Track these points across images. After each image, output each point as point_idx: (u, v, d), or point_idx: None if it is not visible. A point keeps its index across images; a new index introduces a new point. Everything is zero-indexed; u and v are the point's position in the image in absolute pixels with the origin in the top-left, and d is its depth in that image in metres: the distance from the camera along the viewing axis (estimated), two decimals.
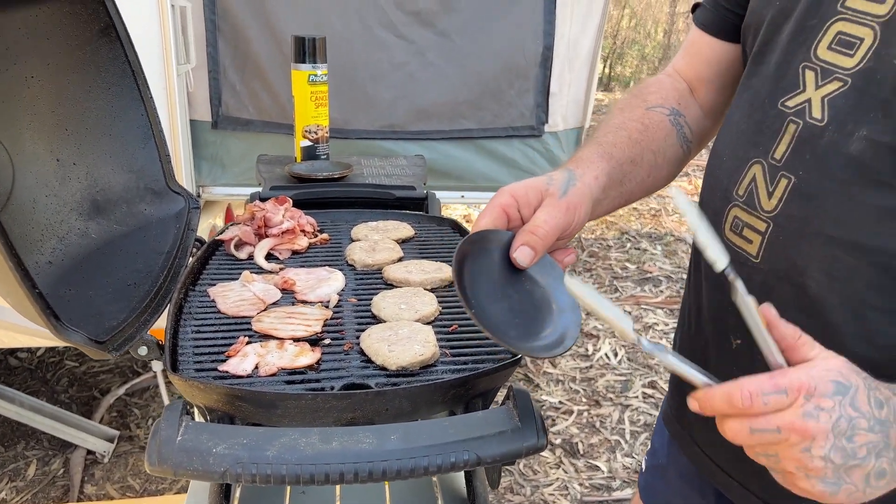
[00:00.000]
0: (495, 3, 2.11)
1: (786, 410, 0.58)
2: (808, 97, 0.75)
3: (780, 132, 0.77)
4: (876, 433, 0.59)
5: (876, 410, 0.59)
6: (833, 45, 0.74)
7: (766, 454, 0.61)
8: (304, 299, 1.02)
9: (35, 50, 1.07)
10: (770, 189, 0.78)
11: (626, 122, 0.93)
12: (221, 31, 2.00)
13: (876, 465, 0.59)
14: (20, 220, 1.01)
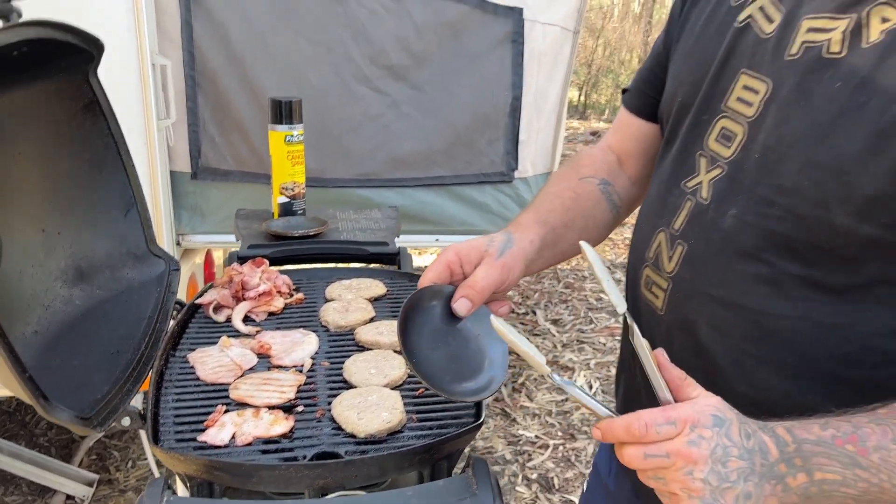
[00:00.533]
0: (465, 57, 2.20)
1: (674, 439, 0.68)
2: (700, 180, 0.89)
3: (680, 207, 0.91)
4: (745, 460, 0.68)
5: (745, 441, 0.69)
6: (718, 138, 0.87)
7: (656, 477, 0.70)
8: (280, 364, 1.07)
9: (22, 128, 1.13)
10: (670, 254, 0.91)
11: (561, 191, 1.06)
12: (201, 86, 2.07)
13: (743, 488, 0.68)
14: (7, 291, 1.06)
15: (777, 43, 0.82)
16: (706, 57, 0.90)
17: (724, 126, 0.86)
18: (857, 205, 0.73)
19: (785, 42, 0.81)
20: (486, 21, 2.19)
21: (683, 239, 0.89)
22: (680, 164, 0.92)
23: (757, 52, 0.84)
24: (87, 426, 0.84)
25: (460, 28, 2.18)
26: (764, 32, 0.84)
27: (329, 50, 2.11)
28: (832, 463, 0.68)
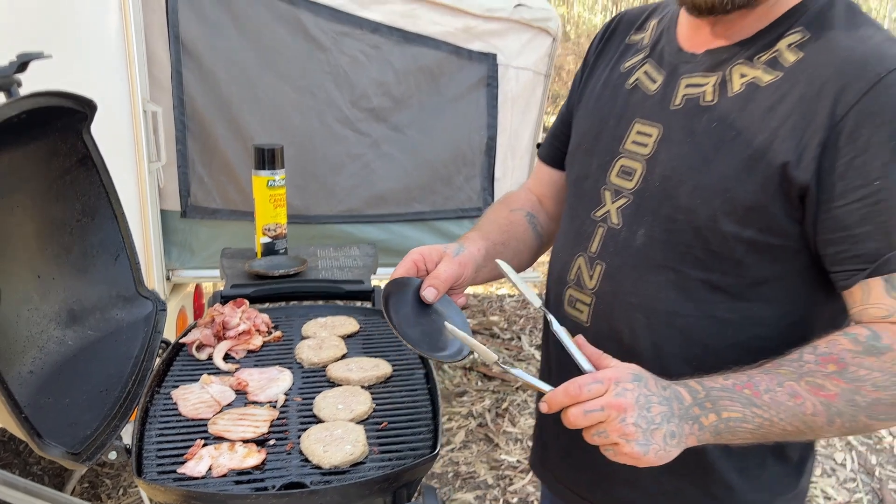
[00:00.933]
0: (443, 100, 2.32)
1: (604, 395, 0.82)
2: (608, 209, 1.07)
3: (594, 234, 1.08)
4: (665, 405, 0.83)
5: (662, 391, 0.85)
6: (619, 174, 1.06)
7: (598, 433, 0.83)
8: (255, 400, 1.17)
9: (20, 183, 1.23)
10: (590, 273, 1.08)
11: (497, 218, 1.25)
12: (190, 130, 2.18)
13: (668, 428, 0.83)
14: (5, 334, 1.15)
15: (662, 97, 1.03)
16: (604, 112, 1.10)
17: (623, 164, 1.05)
18: (738, 215, 0.92)
19: (669, 96, 1.02)
20: (462, 66, 2.31)
21: (601, 259, 1.06)
22: (587, 199, 1.10)
23: (646, 105, 1.05)
24: (76, 461, 0.93)
25: (438, 73, 2.30)
26: (650, 90, 1.05)
27: (313, 95, 2.22)
28: (735, 404, 0.85)
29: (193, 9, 2.11)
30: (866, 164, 0.85)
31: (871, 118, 0.84)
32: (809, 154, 0.87)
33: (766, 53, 0.95)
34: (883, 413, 0.85)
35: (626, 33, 1.16)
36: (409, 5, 2.22)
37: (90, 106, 1.29)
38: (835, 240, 0.89)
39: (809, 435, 0.88)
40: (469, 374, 3.67)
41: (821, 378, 0.85)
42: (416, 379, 1.25)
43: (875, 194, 0.84)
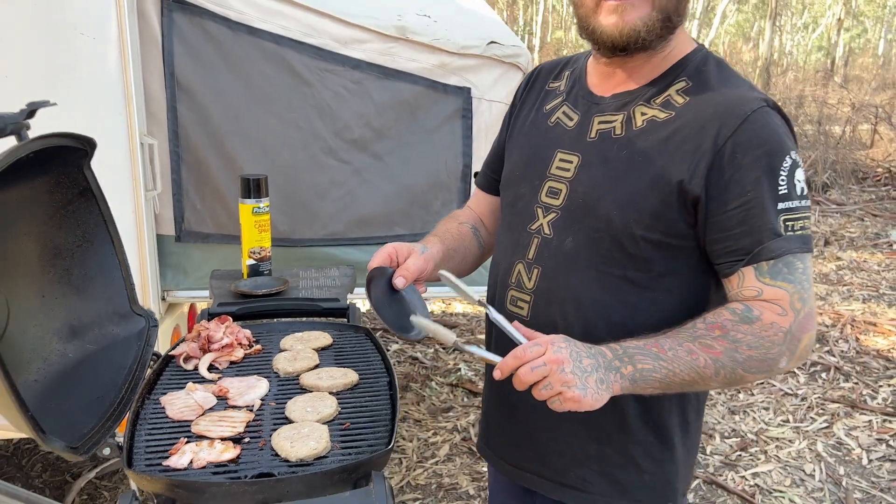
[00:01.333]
0: (421, 131, 2.48)
1: (543, 354, 1.02)
2: (541, 223, 1.26)
3: (530, 244, 1.27)
4: (592, 358, 1.05)
5: (588, 349, 1.06)
6: (547, 194, 1.26)
7: (544, 386, 1.01)
8: (234, 404, 1.31)
9: (27, 213, 1.39)
10: (529, 276, 1.27)
11: (450, 228, 1.45)
12: (184, 160, 2.34)
13: (597, 375, 1.03)
14: (14, 347, 1.30)
15: (579, 132, 1.25)
16: (532, 145, 1.32)
17: (551, 185, 1.26)
18: (645, 222, 1.14)
19: (585, 131, 1.24)
20: (439, 99, 2.47)
21: (538, 263, 1.26)
22: (523, 216, 1.30)
23: (565, 138, 1.26)
24: (75, 454, 1.08)
25: (416, 105, 2.47)
26: (568, 126, 1.27)
27: (298, 127, 2.39)
28: (646, 358, 1.07)
29: (188, 49, 2.28)
30: (741, 181, 1.09)
31: (742, 146, 1.09)
32: (699, 173, 1.10)
33: (660, 97, 1.18)
34: (754, 367, 1.09)
35: (546, 81, 1.38)
36: (388, 44, 2.39)
37: (90, 144, 1.45)
38: (719, 238, 1.12)
39: (701, 384, 1.10)
40: (455, 391, 3.80)
41: (709, 340, 1.08)
42: (380, 386, 1.39)
43: (747, 203, 1.08)
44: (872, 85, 13.73)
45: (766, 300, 1.08)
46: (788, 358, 1.09)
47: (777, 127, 1.11)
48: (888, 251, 6.37)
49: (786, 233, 1.08)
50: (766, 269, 1.08)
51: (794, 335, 1.08)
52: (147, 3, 2.22)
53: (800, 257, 1.09)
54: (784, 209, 1.08)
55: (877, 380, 3.92)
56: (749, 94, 1.13)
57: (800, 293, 1.08)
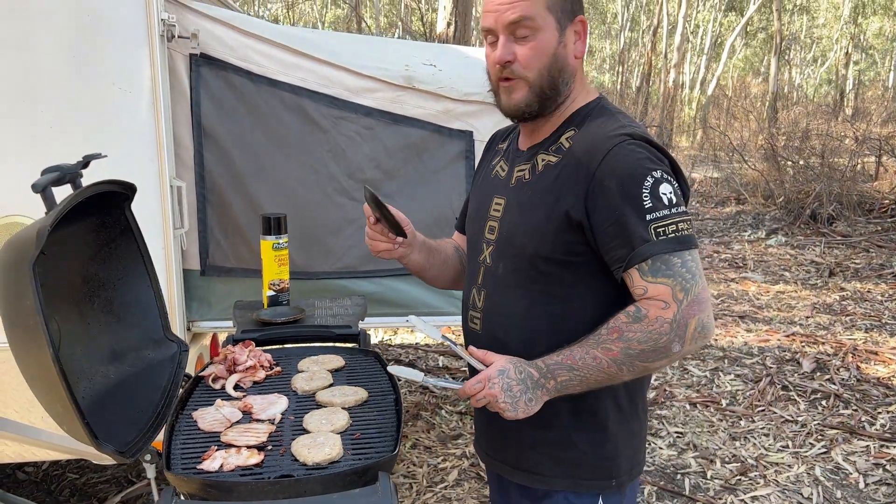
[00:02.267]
0: (426, 171, 2.68)
1: (484, 388, 1.30)
2: (485, 255, 1.52)
3: (479, 272, 1.53)
4: (521, 384, 1.31)
5: (519, 375, 1.32)
6: (487, 231, 1.51)
7: (489, 407, 1.31)
8: (258, 418, 1.48)
9: (76, 250, 1.58)
10: (479, 298, 1.53)
11: (437, 241, 1.76)
12: (209, 200, 2.55)
13: (525, 397, 1.31)
14: (65, 368, 1.47)
15: (506, 180, 1.51)
16: (481, 193, 1.58)
17: (490, 224, 1.51)
18: (548, 247, 1.38)
19: (509, 179, 1.51)
20: (443, 142, 2.67)
21: (483, 287, 1.52)
22: (476, 250, 1.56)
23: (498, 186, 1.53)
24: (123, 457, 1.25)
25: (422, 148, 2.66)
26: (501, 177, 1.54)
27: (314, 170, 2.59)
28: (563, 371, 1.32)
29: (213, 100, 2.50)
30: (610, 204, 1.31)
31: (607, 175, 1.32)
32: (580, 201, 1.34)
33: (554, 145, 1.44)
34: (648, 357, 1.30)
35: (495, 144, 1.67)
36: (397, 92, 2.60)
37: (132, 189, 1.65)
38: (605, 251, 1.34)
39: (614, 379, 1.34)
40: (464, 419, 3.93)
41: (609, 343, 1.30)
42: (387, 402, 1.56)
43: (618, 220, 1.30)
44: (882, 116, 13.88)
45: (650, 297, 1.29)
46: (680, 342, 1.28)
47: (635, 155, 1.32)
48: (892, 282, 6.46)
49: (657, 238, 1.28)
50: (646, 269, 1.28)
51: (679, 322, 1.27)
52: (177, 59, 2.45)
53: (677, 255, 1.28)
54: (652, 219, 1.28)
55: (876, 406, 4.01)
56: (614, 132, 1.35)
57: (681, 285, 1.27)
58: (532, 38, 1.36)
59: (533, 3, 1.34)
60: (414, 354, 4.92)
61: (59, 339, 1.49)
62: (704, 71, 23.16)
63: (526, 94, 1.39)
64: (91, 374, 1.55)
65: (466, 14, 9.13)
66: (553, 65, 1.38)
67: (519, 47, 1.36)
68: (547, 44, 1.37)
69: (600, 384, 1.34)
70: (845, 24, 24.00)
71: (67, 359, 1.50)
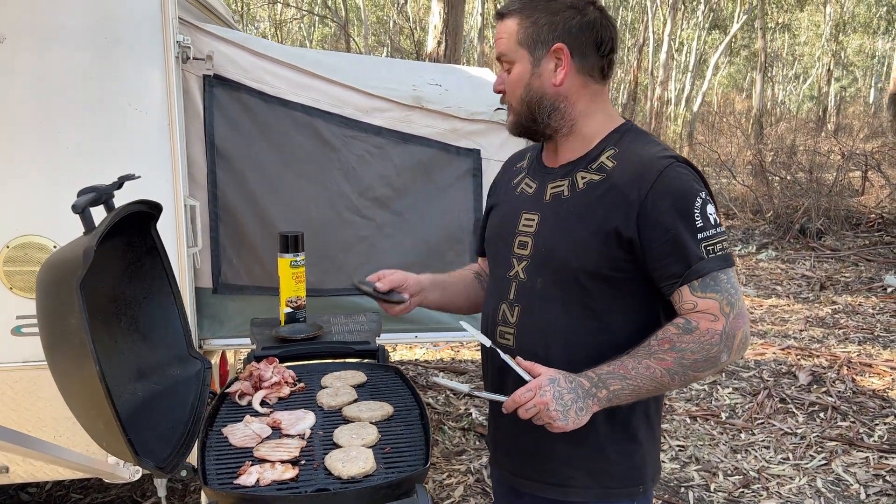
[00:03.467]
0: (436, 188, 2.72)
1: (533, 398, 1.32)
2: (516, 270, 1.55)
3: (510, 287, 1.56)
4: (572, 393, 1.34)
5: (569, 384, 1.34)
6: (518, 247, 1.55)
7: (538, 418, 1.33)
8: (288, 433, 1.50)
9: (106, 269, 1.60)
10: (511, 313, 1.55)
11: (451, 273, 1.85)
12: (222, 219, 2.57)
13: (576, 406, 1.33)
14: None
15: (536, 196, 1.55)
16: (504, 211, 1.63)
17: (520, 239, 1.55)
18: (593, 262, 1.43)
19: (541, 195, 1.54)
20: (452, 160, 2.72)
21: (517, 303, 1.54)
22: (503, 266, 1.58)
23: (526, 202, 1.57)
24: (162, 473, 1.27)
25: (431, 166, 2.71)
26: (529, 193, 1.58)
27: (326, 188, 2.62)
28: (615, 380, 1.36)
29: (226, 120, 2.53)
30: (664, 221, 1.37)
31: (659, 195, 1.38)
32: (631, 220, 1.39)
33: (594, 163, 1.49)
34: (699, 367, 1.36)
35: (513, 165, 1.72)
36: (406, 112, 2.65)
37: (158, 208, 1.68)
38: (656, 268, 1.39)
39: (663, 390, 1.39)
40: (467, 435, 3.95)
41: (661, 353, 1.36)
42: (412, 416, 1.58)
43: (672, 238, 1.37)
44: (865, 132, 14.12)
45: (700, 311, 1.35)
46: (727, 353, 1.36)
47: (685, 177, 1.40)
48: (882, 295, 6.56)
49: (708, 256, 1.36)
50: (697, 285, 1.36)
51: (728, 334, 1.35)
52: (191, 80, 2.48)
53: (724, 272, 1.36)
54: (703, 238, 1.36)
55: (873, 418, 4.07)
56: (661, 154, 1.43)
57: (727, 300, 1.35)
58: (511, 71, 1.49)
59: (507, 40, 1.48)
60: (414, 371, 4.93)
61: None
62: (690, 88, 23.48)
63: (512, 119, 1.54)
64: (119, 392, 1.56)
65: (457, 33, 9.23)
66: (526, 94, 1.48)
67: (507, 78, 1.50)
68: (520, 76, 1.48)
69: (649, 394, 1.39)
70: (826, 42, 24.45)
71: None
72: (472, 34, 20.81)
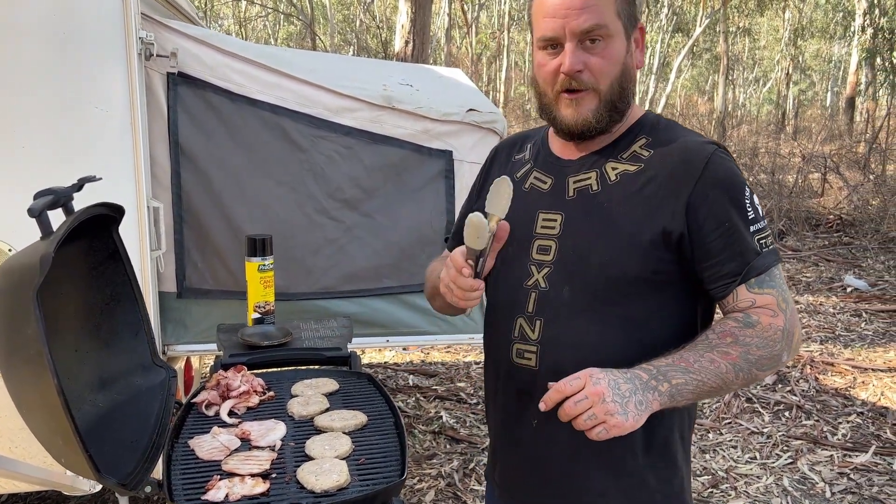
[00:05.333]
0: (407, 190, 2.68)
1: (584, 387, 1.12)
2: (536, 278, 1.35)
3: (527, 298, 1.35)
4: (630, 383, 1.15)
5: (624, 374, 1.16)
6: (538, 251, 1.36)
7: (588, 416, 1.11)
8: (257, 445, 1.45)
9: (66, 275, 1.52)
10: (532, 328, 1.35)
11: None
12: (186, 221, 2.50)
13: (636, 399, 1.14)
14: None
15: (555, 193, 1.36)
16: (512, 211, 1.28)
17: (540, 244, 1.36)
18: (638, 265, 1.27)
19: (561, 191, 1.36)
20: (423, 161, 2.68)
21: (539, 315, 1.34)
22: (517, 274, 1.38)
23: (542, 199, 1.38)
24: (125, 489, 1.21)
25: (402, 167, 2.67)
26: (542, 188, 1.39)
27: (294, 189, 2.56)
28: (677, 373, 1.18)
29: (191, 119, 2.46)
30: (716, 213, 1.25)
31: (710, 184, 1.25)
32: (679, 213, 1.25)
33: (626, 152, 1.33)
34: (765, 364, 1.23)
35: (509, 155, 1.51)
36: (376, 112, 2.60)
37: (120, 211, 1.61)
38: (708, 266, 1.26)
39: (725, 389, 1.23)
40: (438, 438, 3.92)
41: (725, 347, 1.21)
42: (387, 425, 1.54)
43: (726, 231, 1.24)
44: (823, 135, 14.45)
45: (759, 307, 1.24)
46: (788, 352, 1.24)
47: (731, 165, 1.29)
48: (842, 294, 6.70)
49: (762, 250, 1.25)
50: (754, 282, 1.24)
51: (788, 331, 1.24)
52: (154, 78, 2.41)
53: (777, 267, 1.27)
54: (756, 230, 1.25)
55: (836, 417, 4.14)
56: (703, 141, 1.31)
57: (782, 295, 1.25)
58: (604, 46, 1.26)
59: (604, 9, 1.25)
60: (384, 374, 4.88)
61: None
62: (654, 90, 23.78)
63: (597, 107, 1.29)
64: (80, 404, 1.49)
65: (424, 33, 9.19)
66: (623, 75, 1.30)
67: (589, 56, 1.26)
68: (618, 52, 1.28)
69: (711, 394, 1.24)
70: (785, 46, 24.99)
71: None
72: (439, 34, 20.79)
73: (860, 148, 11.74)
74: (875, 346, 5.32)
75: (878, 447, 3.72)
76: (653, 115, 1.39)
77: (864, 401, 4.33)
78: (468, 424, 4.08)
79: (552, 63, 1.29)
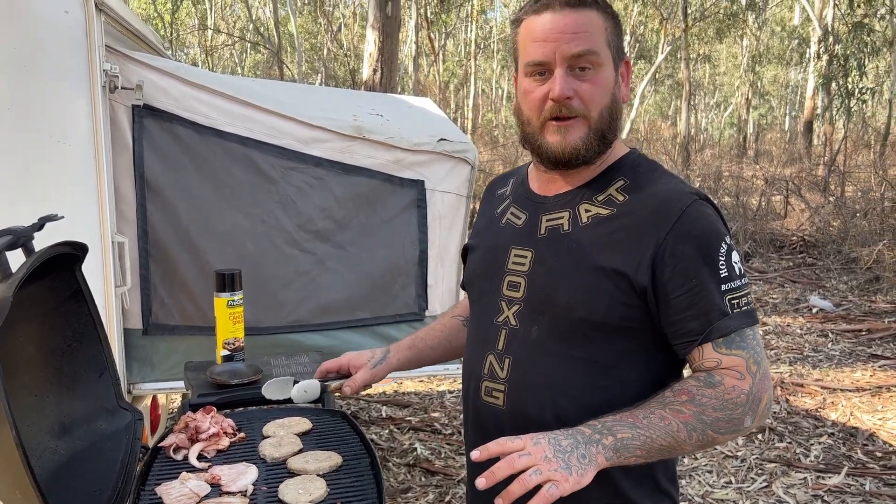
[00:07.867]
0: (379, 221, 2.66)
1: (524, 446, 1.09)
2: (506, 315, 1.34)
3: (498, 335, 1.35)
4: (570, 439, 1.11)
5: (565, 432, 1.13)
6: (508, 288, 1.35)
7: (534, 472, 1.06)
8: (228, 490, 1.39)
9: (25, 316, 1.46)
10: (501, 366, 1.34)
11: (436, 326, 1.66)
12: (152, 256, 2.43)
13: (578, 452, 1.10)
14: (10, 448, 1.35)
15: (527, 229, 1.36)
16: (488, 245, 1.42)
17: (510, 279, 1.35)
18: (602, 310, 1.24)
19: (534, 228, 1.34)
20: (395, 191, 2.66)
21: (508, 354, 1.33)
22: (489, 310, 1.37)
23: (516, 236, 1.37)
24: None
25: (374, 198, 2.65)
26: (517, 225, 1.38)
27: (263, 221, 2.52)
28: (624, 428, 1.14)
29: (157, 152, 2.41)
30: (685, 270, 1.20)
31: (682, 238, 1.21)
32: (645, 265, 1.21)
33: (601, 195, 1.30)
34: (722, 428, 1.17)
35: (494, 191, 1.53)
36: (347, 142, 2.58)
37: (83, 249, 1.56)
38: (672, 322, 1.22)
39: (678, 449, 1.17)
40: (413, 471, 3.85)
41: (678, 405, 1.17)
42: (362, 466, 1.50)
43: (693, 289, 1.20)
44: (783, 158, 14.80)
45: (725, 367, 1.18)
46: (752, 417, 1.18)
47: (710, 217, 1.23)
48: (808, 315, 6.81)
49: (732, 311, 1.19)
50: (721, 342, 1.19)
51: (754, 395, 1.17)
52: (119, 111, 2.36)
53: (750, 328, 1.20)
54: (727, 290, 1.20)
55: (808, 438, 4.17)
56: (682, 189, 1.25)
57: (754, 357, 1.19)
58: (594, 74, 1.24)
59: (596, 36, 1.24)
60: (356, 405, 4.81)
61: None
62: None
63: (586, 135, 1.26)
64: (39, 452, 1.43)
65: (392, 61, 9.24)
66: (611, 105, 1.27)
67: (580, 83, 1.24)
68: (608, 81, 1.26)
69: (662, 452, 1.16)
70: (744, 72, 25.67)
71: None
72: (406, 62, 20.95)
73: (819, 171, 12.05)
74: (842, 365, 5.40)
75: (851, 468, 3.75)
76: (635, 154, 1.36)
77: (834, 421, 4.38)
78: (443, 455, 4.02)
79: (540, 90, 1.26)
